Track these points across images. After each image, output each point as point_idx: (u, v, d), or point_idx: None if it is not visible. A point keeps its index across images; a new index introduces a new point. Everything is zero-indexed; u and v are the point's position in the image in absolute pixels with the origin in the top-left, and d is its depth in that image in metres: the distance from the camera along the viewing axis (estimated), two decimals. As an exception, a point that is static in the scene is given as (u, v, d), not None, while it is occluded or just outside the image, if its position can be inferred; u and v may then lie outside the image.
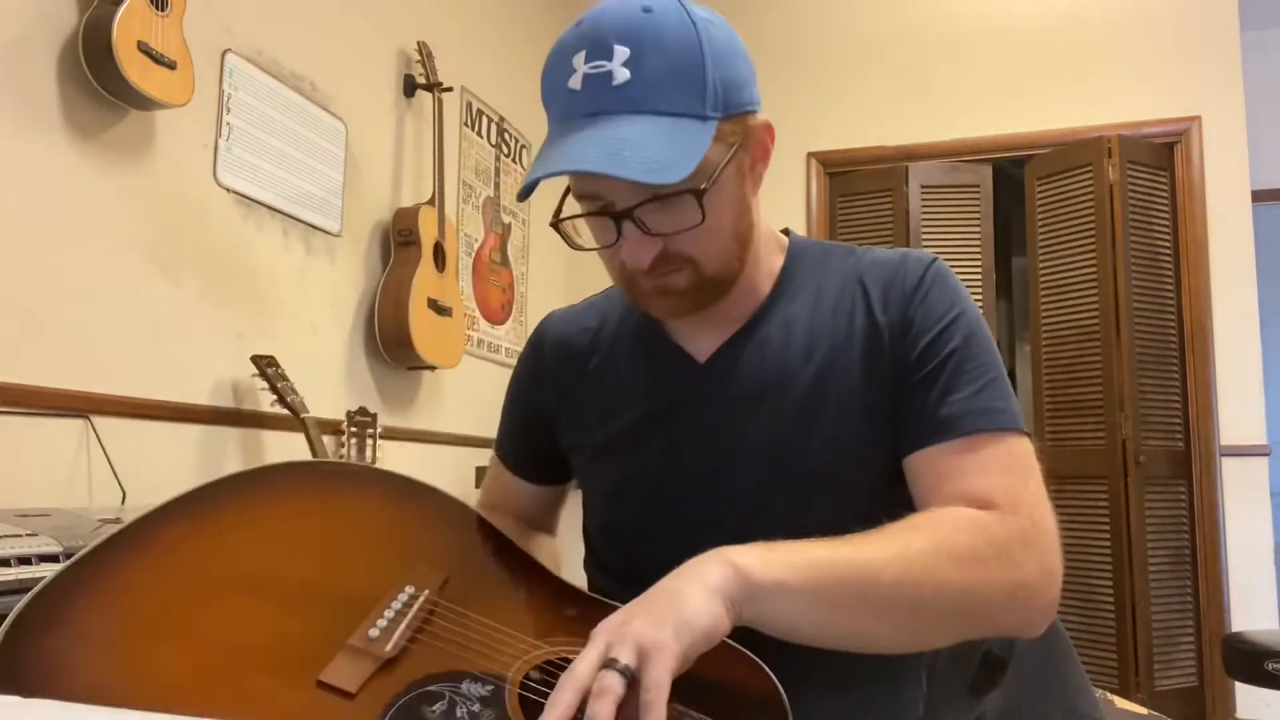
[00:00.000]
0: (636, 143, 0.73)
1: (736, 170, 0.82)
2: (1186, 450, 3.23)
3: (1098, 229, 3.23)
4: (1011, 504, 0.75)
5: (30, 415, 1.65)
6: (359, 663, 0.61)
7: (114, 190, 1.83)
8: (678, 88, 0.75)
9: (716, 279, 0.85)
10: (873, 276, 0.89)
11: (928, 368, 0.83)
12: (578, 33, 0.77)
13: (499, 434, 1.09)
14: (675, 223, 0.79)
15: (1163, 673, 3.06)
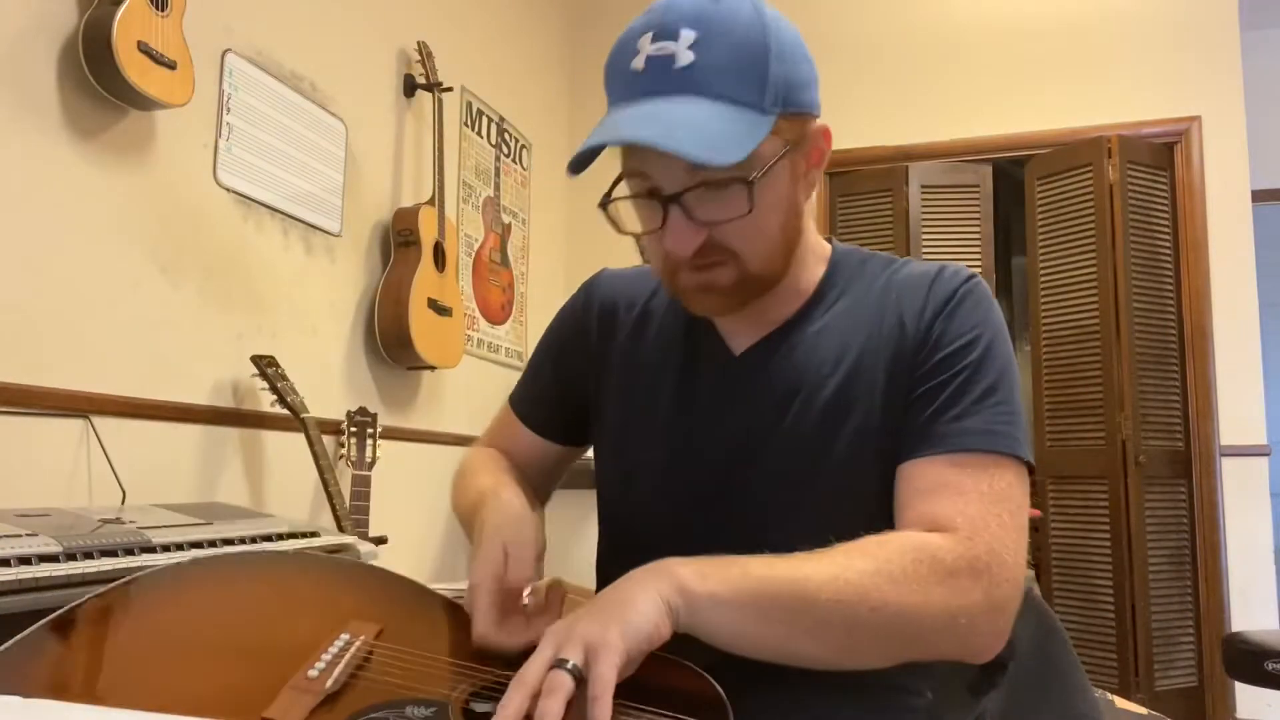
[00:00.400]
0: (693, 123, 0.73)
1: (790, 169, 0.81)
2: (1186, 450, 3.23)
3: (1098, 229, 3.23)
4: (971, 531, 0.74)
5: (30, 415, 1.65)
6: (300, 699, 0.63)
7: (114, 190, 1.83)
8: (739, 77, 0.75)
9: (759, 277, 0.83)
10: (907, 287, 0.88)
11: (937, 379, 0.82)
12: (646, 18, 0.78)
13: (520, 386, 1.07)
14: (722, 211, 0.78)
15: (1163, 673, 3.06)
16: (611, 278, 1.03)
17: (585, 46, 3.98)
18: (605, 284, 1.02)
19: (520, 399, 1.07)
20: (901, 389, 0.84)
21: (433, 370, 2.79)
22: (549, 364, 1.04)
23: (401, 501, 2.69)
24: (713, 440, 0.88)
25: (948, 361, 0.82)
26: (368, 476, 2.26)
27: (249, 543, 1.35)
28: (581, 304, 1.02)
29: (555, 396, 1.03)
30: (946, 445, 0.79)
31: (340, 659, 0.68)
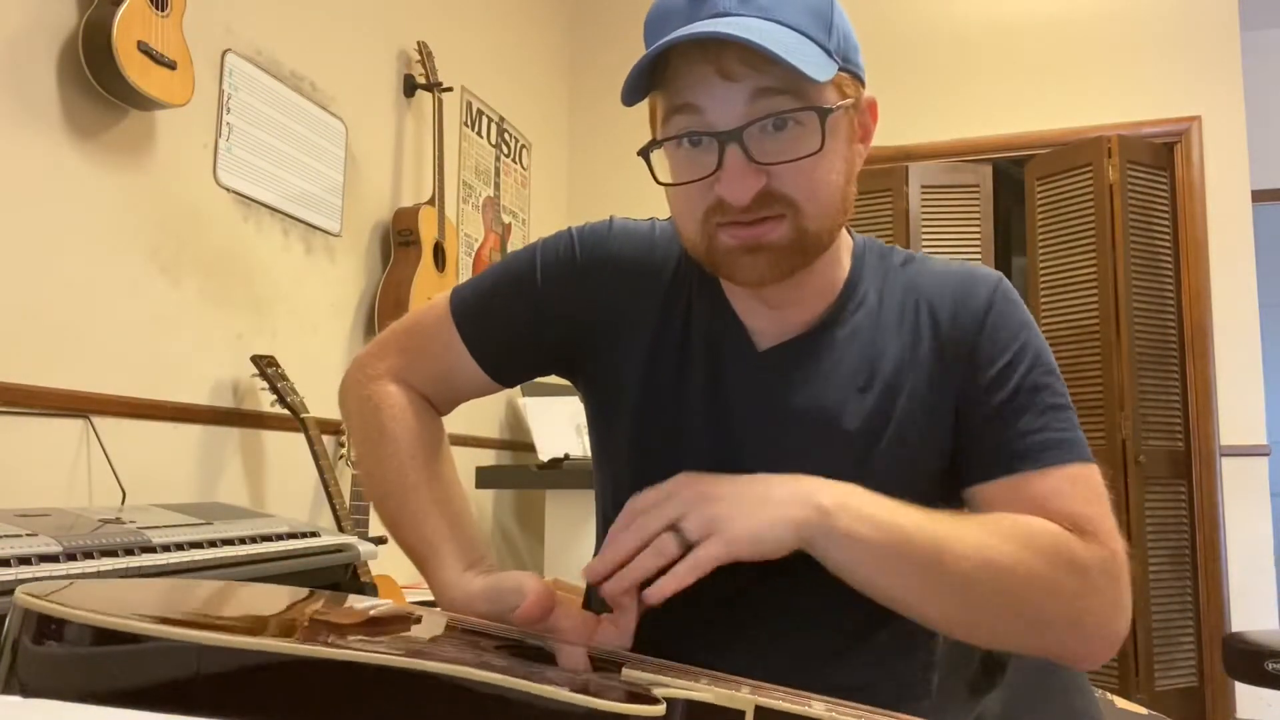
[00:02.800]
0: (770, 36, 0.68)
1: (848, 129, 0.77)
2: (1186, 450, 3.23)
3: (1098, 229, 3.23)
4: (1095, 531, 0.74)
5: (30, 415, 1.65)
6: (349, 614, 0.66)
7: (114, 190, 1.83)
8: (808, 14, 0.72)
9: (815, 236, 0.76)
10: (937, 293, 0.84)
11: (997, 398, 0.80)
12: None
13: (472, 311, 0.92)
14: (788, 150, 0.72)
15: (1163, 673, 3.06)
16: (625, 237, 0.89)
17: (585, 46, 3.98)
18: (619, 242, 0.89)
19: (475, 331, 0.92)
20: (946, 412, 0.82)
21: (433, 370, 2.79)
22: (525, 306, 0.90)
23: (401, 501, 2.68)
24: (742, 450, 0.83)
25: (1003, 377, 0.81)
26: (368, 476, 2.25)
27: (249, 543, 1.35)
28: (582, 253, 0.89)
29: (520, 342, 0.92)
30: (1035, 462, 0.78)
31: (383, 606, 0.72)
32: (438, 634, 0.69)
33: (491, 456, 3.24)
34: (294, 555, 1.43)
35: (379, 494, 0.93)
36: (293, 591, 0.83)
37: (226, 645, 0.50)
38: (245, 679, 0.50)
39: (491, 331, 0.92)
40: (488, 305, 0.92)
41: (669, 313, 0.86)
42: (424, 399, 0.97)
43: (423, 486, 0.90)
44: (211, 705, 0.50)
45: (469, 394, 0.98)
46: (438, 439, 0.97)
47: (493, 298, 0.92)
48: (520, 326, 0.91)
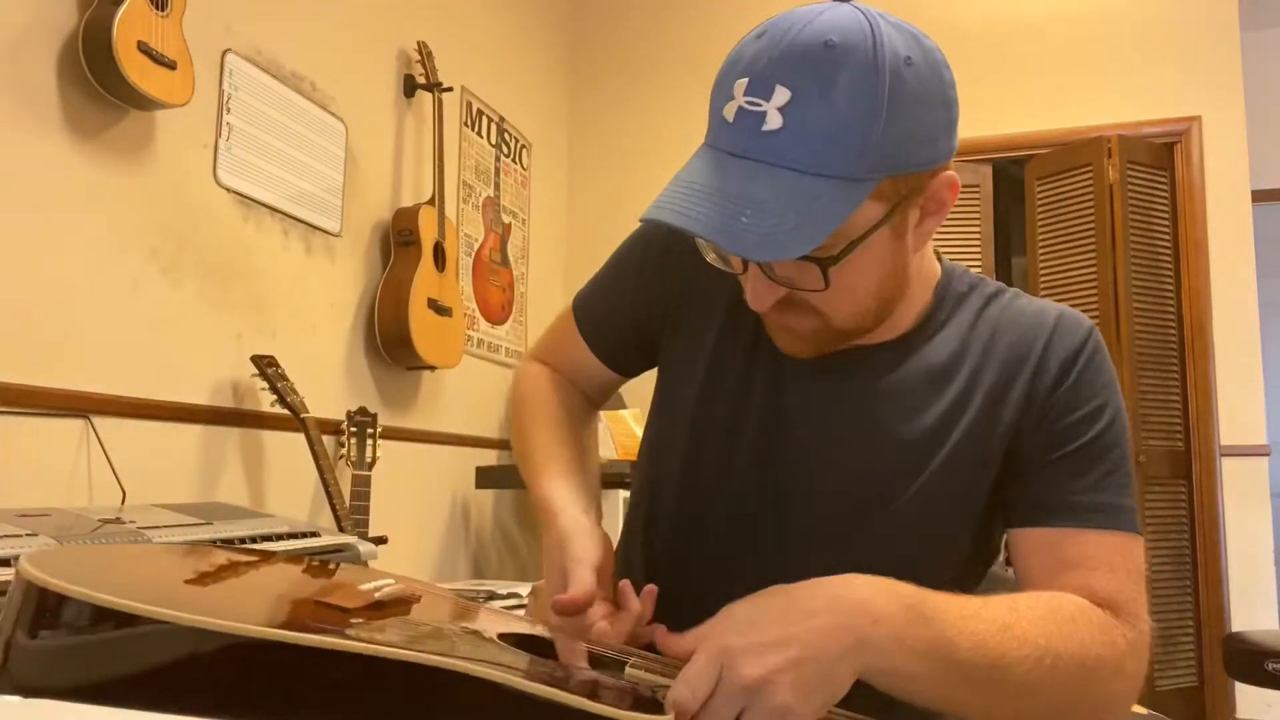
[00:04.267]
0: (763, 206, 0.67)
1: (892, 231, 0.74)
2: (1186, 450, 3.23)
3: (1098, 229, 3.23)
4: (1132, 613, 0.75)
5: (30, 415, 1.65)
6: (354, 596, 0.66)
7: (114, 190, 1.83)
8: (832, 145, 0.67)
9: (845, 332, 0.80)
10: (1025, 331, 0.84)
11: (1067, 448, 0.80)
12: (752, 51, 0.70)
13: (586, 299, 1.01)
14: (800, 280, 0.74)
15: (1163, 673, 3.06)
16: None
17: (585, 46, 3.98)
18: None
19: (586, 318, 1.01)
20: (1000, 450, 0.81)
21: (433, 370, 2.79)
22: (626, 294, 0.98)
23: (401, 501, 2.69)
24: (787, 456, 0.86)
25: (1077, 429, 0.80)
26: (368, 476, 2.26)
27: (249, 543, 1.35)
28: (679, 247, 0.93)
29: (625, 324, 0.98)
30: (1089, 521, 0.78)
31: (385, 587, 0.71)
32: (440, 621, 0.69)
33: (492, 456, 3.24)
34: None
35: (517, 449, 1.00)
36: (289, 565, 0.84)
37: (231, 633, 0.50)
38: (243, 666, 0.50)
39: (602, 321, 1.00)
40: (597, 296, 1.00)
41: (740, 314, 0.88)
42: (570, 381, 1.04)
43: (547, 430, 0.97)
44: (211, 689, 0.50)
45: (602, 383, 1.04)
46: (572, 405, 1.02)
47: (600, 284, 1.00)
48: (624, 313, 0.98)
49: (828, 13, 0.70)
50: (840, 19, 0.69)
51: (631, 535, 1.00)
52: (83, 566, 0.61)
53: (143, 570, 0.68)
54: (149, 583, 0.63)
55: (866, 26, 0.68)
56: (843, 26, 0.68)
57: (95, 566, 0.64)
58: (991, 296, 0.87)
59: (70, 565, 0.59)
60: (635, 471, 1.02)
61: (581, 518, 0.85)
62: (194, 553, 0.82)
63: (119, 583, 0.60)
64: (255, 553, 0.90)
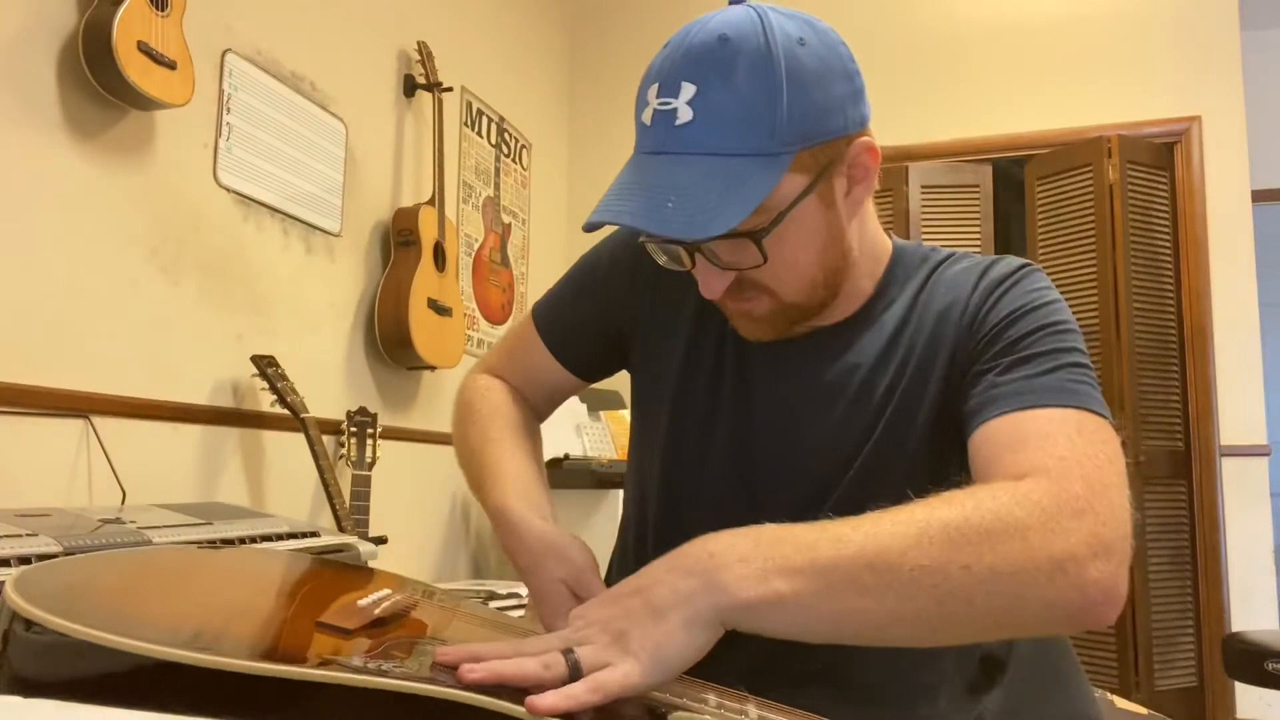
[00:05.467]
0: (687, 190, 0.71)
1: (820, 200, 0.78)
2: (1186, 450, 3.23)
3: (1098, 229, 3.23)
4: (1064, 470, 0.66)
5: (30, 415, 1.65)
6: (353, 614, 0.66)
7: (114, 190, 1.83)
8: (742, 126, 0.72)
9: (799, 306, 0.83)
10: (957, 281, 0.87)
11: (996, 347, 0.79)
12: (658, 61, 0.76)
13: (549, 309, 1.03)
14: (742, 259, 0.78)
15: (1163, 673, 3.06)
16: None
17: (585, 46, 3.98)
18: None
19: (551, 327, 1.02)
20: (957, 377, 0.82)
21: (433, 370, 2.79)
22: (590, 300, 1.00)
23: (401, 501, 2.69)
24: (749, 427, 0.88)
25: (1007, 331, 0.79)
26: (368, 476, 2.26)
27: (249, 543, 1.35)
28: (642, 255, 0.92)
29: (593, 334, 1.00)
30: (1023, 401, 0.73)
31: (385, 601, 0.71)
32: (441, 636, 0.69)
33: (491, 456, 3.23)
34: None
35: (464, 457, 1.00)
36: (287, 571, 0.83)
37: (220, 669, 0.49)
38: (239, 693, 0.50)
39: (564, 326, 1.01)
40: (561, 302, 1.03)
41: (706, 319, 0.92)
42: (519, 393, 1.06)
43: (504, 441, 0.97)
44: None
45: (556, 390, 1.05)
46: (524, 418, 1.03)
47: (564, 294, 1.03)
48: (588, 320, 1.00)
49: (720, 14, 0.76)
50: (731, 17, 0.75)
51: (624, 547, 1.01)
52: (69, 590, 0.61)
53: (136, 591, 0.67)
54: (144, 607, 0.62)
55: (756, 18, 0.74)
56: (734, 22, 0.74)
57: (83, 588, 0.63)
58: (939, 263, 0.90)
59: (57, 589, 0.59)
60: (625, 486, 1.03)
61: (555, 526, 0.85)
62: (187, 561, 0.81)
63: (111, 609, 0.59)
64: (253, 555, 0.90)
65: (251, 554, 0.89)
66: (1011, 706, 0.85)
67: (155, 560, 0.77)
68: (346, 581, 0.83)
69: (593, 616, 0.63)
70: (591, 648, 0.60)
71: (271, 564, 0.86)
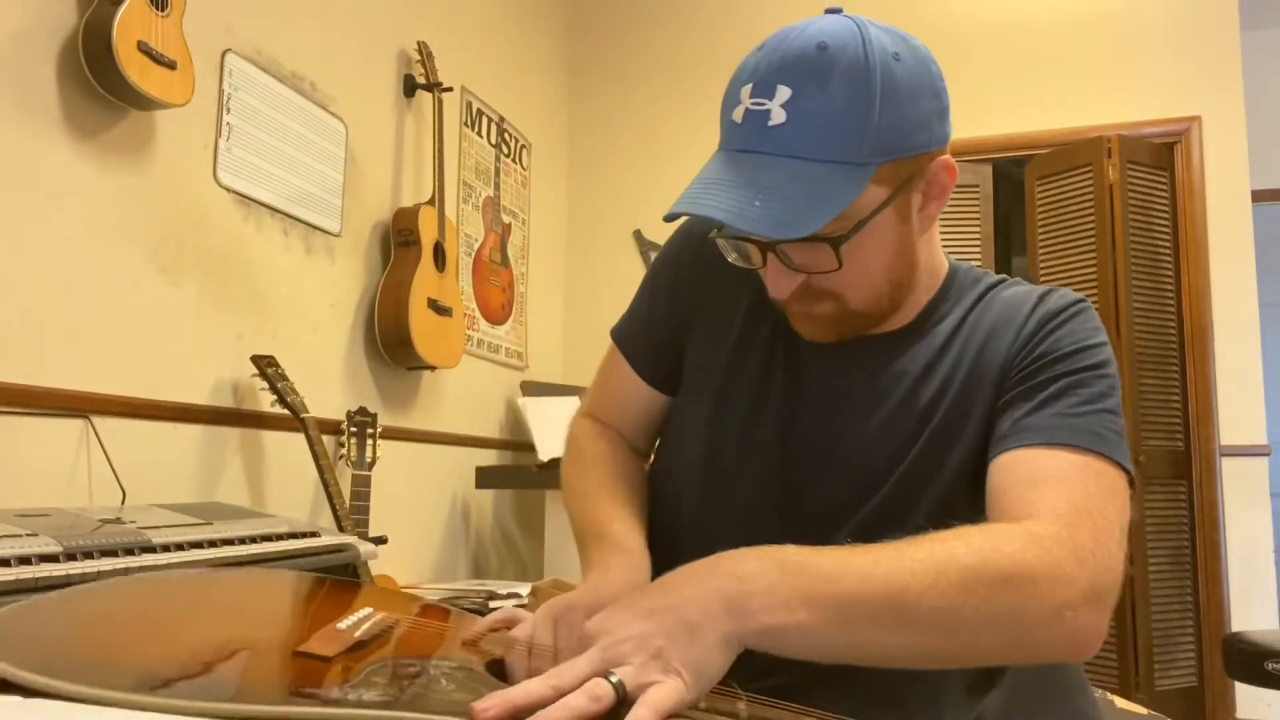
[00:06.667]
0: (774, 191, 0.73)
1: (896, 213, 0.80)
2: (1186, 450, 3.23)
3: (1098, 229, 3.23)
4: (1075, 519, 0.70)
5: (30, 415, 1.65)
6: (333, 640, 0.66)
7: (114, 190, 1.83)
8: (833, 133, 0.74)
9: (862, 314, 0.85)
10: (1013, 304, 0.87)
11: (1040, 378, 0.81)
12: (753, 61, 0.78)
13: (624, 326, 1.04)
14: (815, 263, 0.79)
15: (1163, 673, 3.06)
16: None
17: (585, 46, 3.98)
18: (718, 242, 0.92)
19: (630, 343, 1.03)
20: (991, 402, 0.83)
21: (433, 370, 2.80)
22: (658, 306, 1.00)
23: (401, 501, 2.69)
24: (806, 434, 0.88)
25: (1050, 367, 0.81)
26: (368, 476, 2.26)
27: (249, 543, 1.35)
28: (692, 256, 0.98)
29: (665, 341, 1.00)
30: (1052, 437, 0.76)
31: (366, 620, 0.71)
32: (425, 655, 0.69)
33: (492, 456, 3.24)
34: (294, 555, 1.43)
35: (569, 502, 1.00)
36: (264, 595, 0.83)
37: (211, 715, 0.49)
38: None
39: (643, 343, 1.02)
40: (635, 322, 1.03)
41: (760, 307, 0.92)
42: (617, 435, 1.05)
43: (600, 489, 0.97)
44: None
45: (649, 417, 1.04)
46: (623, 454, 1.02)
47: (635, 309, 1.04)
48: (662, 330, 1.01)
49: (819, 22, 0.77)
50: (830, 25, 0.77)
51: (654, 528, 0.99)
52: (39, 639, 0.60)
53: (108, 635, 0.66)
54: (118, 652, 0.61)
55: (855, 29, 0.76)
56: (833, 31, 0.76)
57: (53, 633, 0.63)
58: (992, 285, 0.92)
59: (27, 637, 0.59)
60: (651, 484, 1.02)
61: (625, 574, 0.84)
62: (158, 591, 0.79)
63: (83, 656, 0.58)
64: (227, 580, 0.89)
65: (225, 579, 0.88)
66: (1011, 707, 0.85)
67: (126, 595, 0.76)
68: (325, 601, 0.82)
69: (622, 633, 0.62)
70: (631, 668, 0.59)
71: (246, 587, 0.85)
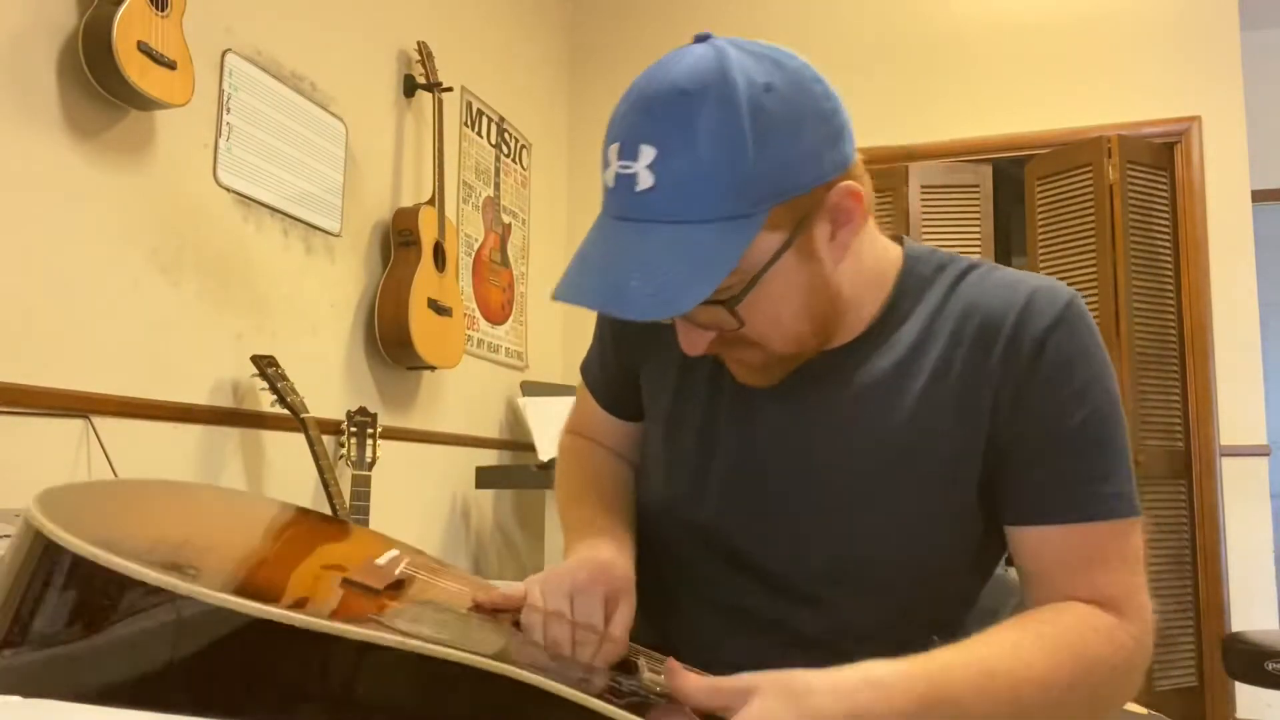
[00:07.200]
0: (652, 265, 0.67)
1: (799, 254, 0.72)
2: (1186, 450, 3.23)
3: (1098, 229, 3.23)
4: (1132, 606, 0.75)
5: (30, 415, 1.65)
6: (375, 573, 0.67)
7: (114, 190, 1.83)
8: (707, 190, 0.67)
9: (790, 356, 0.79)
10: (995, 309, 0.79)
11: (1053, 436, 0.76)
12: (618, 114, 0.71)
13: (588, 365, 1.04)
14: (718, 323, 0.74)
15: (1163, 673, 3.06)
16: None
17: (585, 46, 3.98)
18: None
19: (594, 382, 1.03)
20: (987, 433, 0.78)
21: (433, 370, 2.79)
22: (610, 342, 0.99)
23: (401, 501, 2.69)
24: (765, 471, 0.84)
25: (1061, 417, 0.76)
26: (368, 476, 2.26)
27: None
28: None
29: (619, 377, 0.99)
30: (1084, 514, 0.76)
31: (400, 561, 0.72)
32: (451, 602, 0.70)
33: (492, 456, 3.24)
34: (294, 555, 1.43)
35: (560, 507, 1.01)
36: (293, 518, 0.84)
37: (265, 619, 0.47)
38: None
39: (600, 379, 1.02)
40: (593, 356, 1.03)
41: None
42: (600, 445, 1.06)
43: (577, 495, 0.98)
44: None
45: (623, 435, 1.04)
46: (604, 463, 1.03)
47: (594, 349, 1.03)
48: (613, 367, 0.99)
49: (681, 60, 0.69)
50: (694, 62, 0.69)
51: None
52: (100, 516, 0.60)
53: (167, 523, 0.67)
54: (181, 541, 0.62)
55: (718, 66, 0.68)
56: (695, 71, 0.68)
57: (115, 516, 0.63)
58: (962, 274, 0.83)
59: (83, 513, 0.57)
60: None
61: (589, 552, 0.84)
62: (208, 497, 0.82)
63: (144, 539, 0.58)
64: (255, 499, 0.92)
65: (255, 498, 0.91)
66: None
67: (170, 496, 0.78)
68: (350, 536, 0.84)
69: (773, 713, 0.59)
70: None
71: (280, 511, 0.86)
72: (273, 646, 0.47)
